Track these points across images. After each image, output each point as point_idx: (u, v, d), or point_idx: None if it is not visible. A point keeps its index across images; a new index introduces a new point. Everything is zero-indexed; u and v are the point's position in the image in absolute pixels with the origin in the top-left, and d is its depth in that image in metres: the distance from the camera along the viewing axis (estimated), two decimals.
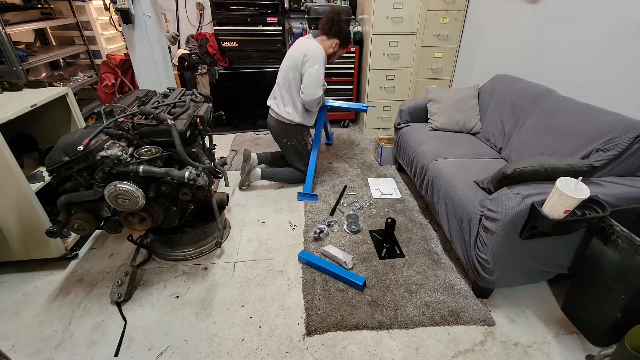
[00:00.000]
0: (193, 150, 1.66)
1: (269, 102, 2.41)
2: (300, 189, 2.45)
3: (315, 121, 2.44)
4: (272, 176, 2.51)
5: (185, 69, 3.09)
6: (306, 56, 2.11)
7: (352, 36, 2.27)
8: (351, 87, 3.40)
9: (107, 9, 3.00)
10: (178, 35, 3.36)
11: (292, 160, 2.49)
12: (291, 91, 2.24)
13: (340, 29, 2.20)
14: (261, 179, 2.49)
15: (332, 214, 2.24)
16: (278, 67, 3.25)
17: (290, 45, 3.16)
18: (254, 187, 2.54)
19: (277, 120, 2.35)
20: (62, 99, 1.90)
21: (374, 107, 2.45)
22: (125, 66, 3.03)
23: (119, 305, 1.58)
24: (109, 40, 3.31)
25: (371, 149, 3.14)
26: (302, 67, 2.13)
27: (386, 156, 2.84)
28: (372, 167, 2.83)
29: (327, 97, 2.65)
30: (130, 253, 1.85)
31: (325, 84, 2.28)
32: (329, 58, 2.28)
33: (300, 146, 2.42)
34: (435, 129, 2.46)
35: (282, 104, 2.29)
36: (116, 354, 1.38)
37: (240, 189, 2.52)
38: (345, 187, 2.53)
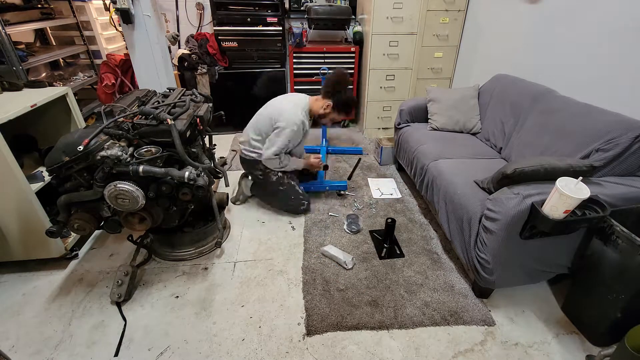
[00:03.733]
0: (193, 150, 1.66)
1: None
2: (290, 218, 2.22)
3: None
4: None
5: (185, 69, 3.08)
6: (279, 122, 1.98)
7: (350, 106, 2.13)
8: (351, 87, 3.40)
9: (107, 9, 3.00)
10: (178, 35, 3.36)
11: (268, 199, 2.31)
12: (259, 129, 2.10)
13: (338, 93, 2.06)
14: (250, 192, 2.32)
15: (349, 178, 2.59)
16: (278, 67, 3.30)
17: (291, 45, 3.18)
18: None
19: (241, 155, 2.23)
20: (62, 99, 1.90)
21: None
22: (125, 66, 3.03)
23: (119, 305, 1.58)
24: (109, 40, 3.31)
25: (371, 149, 3.14)
26: (273, 127, 2.02)
27: (386, 156, 2.84)
28: (372, 167, 2.83)
29: None
30: (130, 253, 1.85)
31: (289, 147, 2.07)
32: (320, 119, 2.16)
33: (267, 183, 2.16)
34: (435, 129, 2.46)
35: (246, 135, 2.17)
36: (116, 354, 1.38)
37: (234, 203, 2.34)
38: (360, 159, 2.68)
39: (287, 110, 2.02)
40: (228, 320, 1.52)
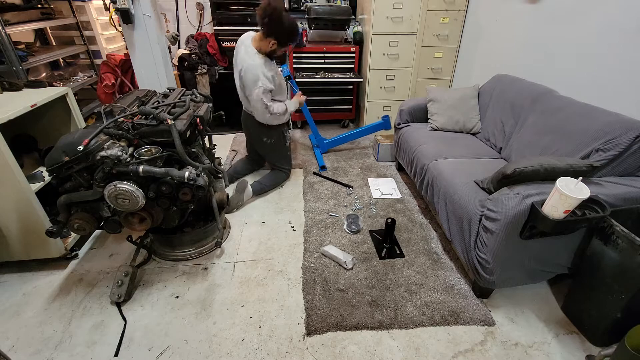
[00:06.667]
0: (193, 150, 1.66)
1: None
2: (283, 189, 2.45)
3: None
4: (261, 189, 2.39)
5: (185, 69, 3.08)
6: (242, 78, 2.06)
7: (294, 34, 2.07)
8: (351, 87, 3.40)
9: (107, 9, 3.00)
10: (178, 35, 3.36)
11: (274, 159, 2.47)
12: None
13: (277, 27, 1.98)
14: (252, 196, 2.36)
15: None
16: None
17: (291, 45, 3.16)
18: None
19: (254, 118, 2.26)
20: (62, 99, 1.90)
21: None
22: (125, 66, 3.03)
23: (118, 305, 1.58)
24: (109, 40, 3.31)
25: (371, 149, 3.14)
26: (245, 89, 2.10)
27: (383, 153, 2.84)
28: (372, 167, 2.83)
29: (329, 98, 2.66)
30: (130, 253, 1.85)
31: (283, 84, 2.26)
32: (271, 55, 2.11)
33: (281, 144, 2.41)
34: (435, 129, 2.46)
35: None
36: (116, 354, 1.38)
37: (231, 212, 2.27)
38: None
39: (245, 63, 2.03)
40: (228, 320, 1.52)
